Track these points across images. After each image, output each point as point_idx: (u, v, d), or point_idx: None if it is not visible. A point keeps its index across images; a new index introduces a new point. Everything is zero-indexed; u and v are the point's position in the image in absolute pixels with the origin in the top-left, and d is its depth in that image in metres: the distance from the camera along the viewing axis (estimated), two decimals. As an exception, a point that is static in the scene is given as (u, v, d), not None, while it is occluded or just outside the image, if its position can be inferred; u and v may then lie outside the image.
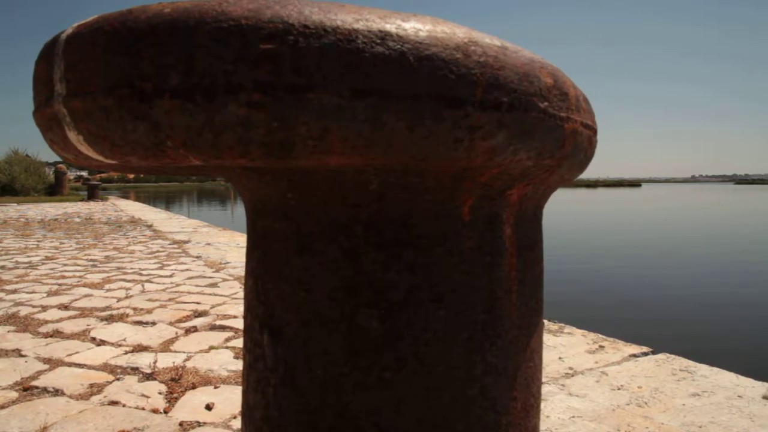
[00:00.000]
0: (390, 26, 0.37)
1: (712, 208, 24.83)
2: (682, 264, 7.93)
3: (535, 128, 0.44)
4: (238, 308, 2.51)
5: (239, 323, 2.25)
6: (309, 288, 0.53)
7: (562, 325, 2.24)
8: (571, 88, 0.51)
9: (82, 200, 15.60)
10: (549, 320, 2.31)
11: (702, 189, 73.12)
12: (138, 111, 0.38)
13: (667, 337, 3.93)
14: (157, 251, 4.65)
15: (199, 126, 0.37)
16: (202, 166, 0.42)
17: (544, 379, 1.63)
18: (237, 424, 1.29)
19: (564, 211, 22.82)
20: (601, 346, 1.97)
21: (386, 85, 0.36)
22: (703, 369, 1.75)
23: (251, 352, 0.60)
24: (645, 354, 1.91)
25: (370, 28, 0.36)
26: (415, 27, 0.37)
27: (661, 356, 1.88)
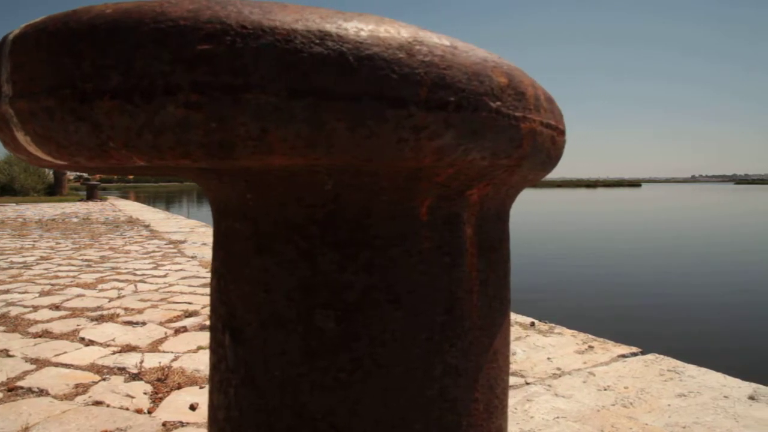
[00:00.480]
0: (330, 26, 0.37)
1: (707, 208, 24.84)
2: (677, 264, 7.93)
3: (487, 128, 0.44)
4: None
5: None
6: (267, 288, 0.53)
7: (553, 325, 2.24)
8: (530, 87, 0.50)
9: (81, 200, 15.60)
10: (540, 320, 2.31)
11: (701, 189, 73.12)
12: (80, 112, 0.38)
13: (660, 338, 3.93)
14: (153, 251, 4.65)
15: (138, 127, 0.37)
16: (148, 166, 0.42)
17: (530, 380, 1.63)
18: (220, 424, 1.28)
19: (561, 212, 22.81)
20: (591, 347, 1.97)
21: (325, 85, 0.36)
22: (691, 369, 1.75)
23: (215, 353, 0.60)
24: (634, 354, 1.91)
25: (309, 29, 0.36)
26: (356, 27, 0.37)
27: (650, 356, 1.87)
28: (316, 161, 0.40)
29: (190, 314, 2.37)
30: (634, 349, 1.95)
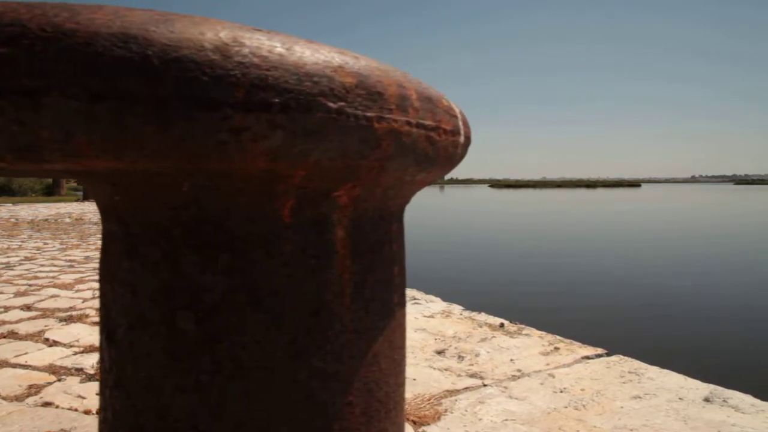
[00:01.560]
0: (136, 29, 0.36)
1: (694, 209, 24.80)
2: (659, 265, 7.90)
3: (326, 128, 0.44)
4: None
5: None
6: (135, 290, 0.53)
7: (522, 326, 2.23)
8: (393, 87, 0.50)
9: (77, 200, 15.61)
10: (511, 321, 2.31)
11: (699, 190, 73.04)
12: None
13: (632, 339, 3.92)
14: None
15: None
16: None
17: (488, 381, 1.62)
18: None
19: (557, 212, 22.80)
20: (556, 348, 1.97)
21: (129, 89, 0.36)
22: (653, 371, 1.75)
23: (100, 355, 0.60)
24: (599, 356, 1.90)
25: (112, 32, 0.36)
26: (167, 29, 0.37)
27: (614, 358, 1.87)
28: (134, 164, 0.40)
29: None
30: (600, 351, 1.95)
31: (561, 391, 1.55)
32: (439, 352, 1.91)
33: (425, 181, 0.63)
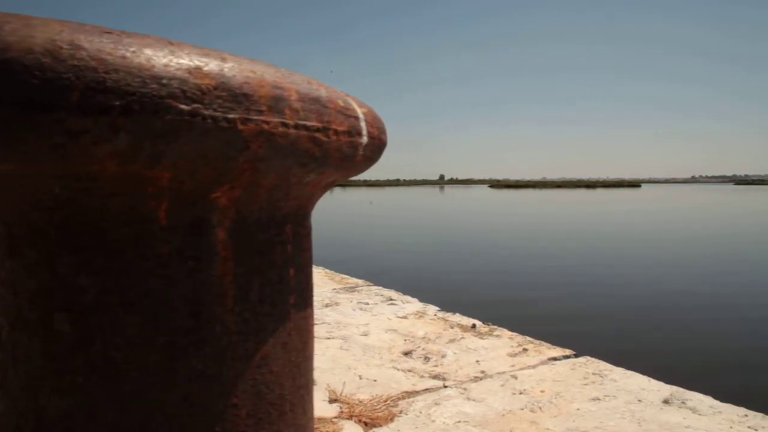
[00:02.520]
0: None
1: (693, 210, 24.75)
2: (644, 266, 7.88)
3: (178, 131, 0.44)
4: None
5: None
6: (16, 291, 0.53)
7: (494, 327, 2.23)
8: (265, 88, 0.50)
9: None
10: (484, 322, 2.31)
11: (699, 190, 72.91)
12: None
13: (608, 339, 3.92)
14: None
15: None
16: None
17: (449, 383, 1.62)
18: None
19: (550, 213, 22.77)
20: (525, 349, 1.96)
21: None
22: (617, 373, 1.74)
23: (-6, 357, 0.60)
24: (566, 357, 1.90)
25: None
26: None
27: (581, 359, 1.87)
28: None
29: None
30: (568, 352, 1.94)
31: (520, 393, 1.55)
32: (407, 353, 1.91)
33: (321, 183, 0.63)
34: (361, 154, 0.65)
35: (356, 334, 2.12)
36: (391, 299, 2.71)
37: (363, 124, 0.65)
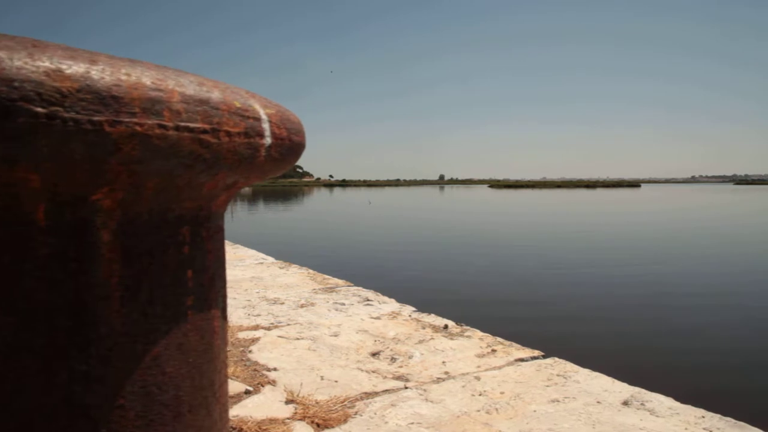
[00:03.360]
0: None
1: (688, 210, 24.74)
2: (620, 267, 7.87)
3: (33, 134, 0.43)
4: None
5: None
6: None
7: (466, 328, 2.23)
8: (139, 90, 0.50)
9: None
10: (456, 323, 2.30)
11: (699, 190, 72.86)
12: None
13: (582, 340, 3.91)
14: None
15: None
16: None
17: (411, 384, 1.62)
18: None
19: (542, 213, 22.78)
20: (494, 350, 1.96)
21: None
22: (583, 374, 1.74)
23: None
24: (534, 358, 1.90)
25: None
26: None
27: (548, 361, 1.86)
28: None
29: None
30: (536, 353, 1.94)
31: (480, 395, 1.54)
32: (374, 354, 1.91)
33: (219, 184, 0.63)
34: (263, 155, 0.65)
35: (326, 335, 2.11)
36: (368, 300, 2.71)
37: (266, 126, 0.64)
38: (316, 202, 40.98)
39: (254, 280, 3.32)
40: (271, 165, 0.68)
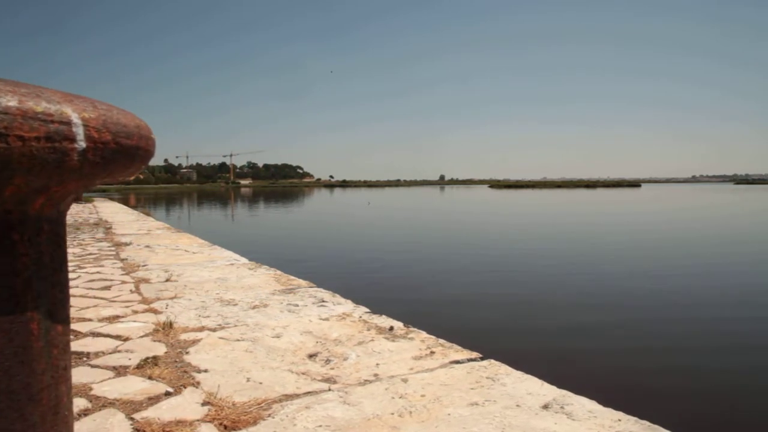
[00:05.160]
0: None
1: (685, 210, 24.68)
2: (604, 264, 7.87)
3: None
4: (104, 311, 2.51)
5: (91, 325, 2.25)
6: None
7: (412, 329, 2.23)
8: None
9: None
10: (404, 324, 2.30)
11: (699, 190, 72.67)
12: None
13: (532, 341, 3.90)
14: (90, 254, 4.67)
15: None
16: None
17: (335, 386, 1.62)
18: None
19: (533, 213, 22.75)
20: (432, 352, 1.96)
21: None
22: (513, 377, 1.74)
23: None
24: (470, 360, 1.89)
25: None
26: None
27: (483, 363, 1.86)
28: None
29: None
30: (474, 355, 1.94)
31: (400, 397, 1.54)
32: (311, 356, 1.91)
33: (24, 189, 0.63)
34: (76, 159, 0.65)
35: (268, 336, 2.12)
36: (323, 301, 2.71)
37: (78, 129, 0.64)
38: (315, 202, 41.01)
39: (219, 282, 3.32)
40: (94, 168, 0.68)
